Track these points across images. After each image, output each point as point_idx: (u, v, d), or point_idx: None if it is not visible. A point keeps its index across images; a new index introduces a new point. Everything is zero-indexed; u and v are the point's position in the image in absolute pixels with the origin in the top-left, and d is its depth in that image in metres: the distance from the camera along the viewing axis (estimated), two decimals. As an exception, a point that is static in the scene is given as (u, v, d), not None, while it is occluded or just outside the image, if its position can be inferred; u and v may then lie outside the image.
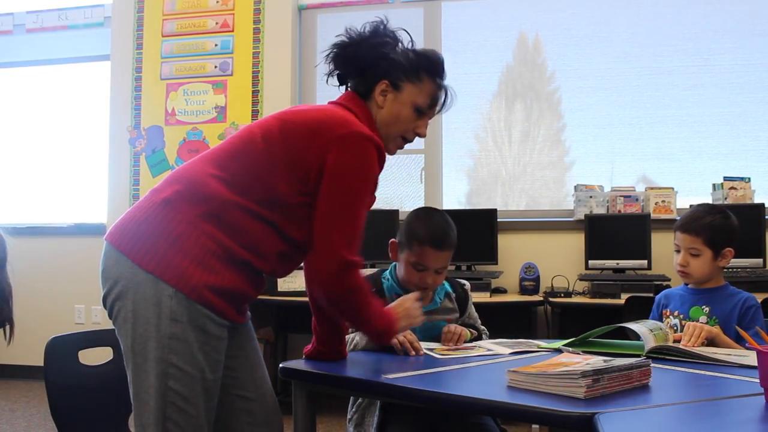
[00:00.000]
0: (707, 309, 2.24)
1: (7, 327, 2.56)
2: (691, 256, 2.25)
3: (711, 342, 2.03)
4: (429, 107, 1.90)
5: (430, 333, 2.19)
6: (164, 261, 1.59)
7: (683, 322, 2.25)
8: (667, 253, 2.40)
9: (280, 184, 1.67)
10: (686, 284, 2.34)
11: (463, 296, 2.32)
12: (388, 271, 2.28)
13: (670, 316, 2.31)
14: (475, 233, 4.28)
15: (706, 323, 2.18)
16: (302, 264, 1.78)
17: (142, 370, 1.59)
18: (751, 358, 1.69)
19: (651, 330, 1.94)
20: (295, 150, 1.68)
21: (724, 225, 2.26)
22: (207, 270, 1.60)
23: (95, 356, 1.94)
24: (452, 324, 2.20)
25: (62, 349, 1.89)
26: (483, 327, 2.33)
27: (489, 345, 2.09)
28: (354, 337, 2.07)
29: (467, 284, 2.36)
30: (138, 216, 1.66)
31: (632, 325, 1.95)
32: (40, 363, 1.90)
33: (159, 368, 1.57)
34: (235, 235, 1.64)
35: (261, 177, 1.67)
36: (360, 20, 5.57)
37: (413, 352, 1.93)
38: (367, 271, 2.33)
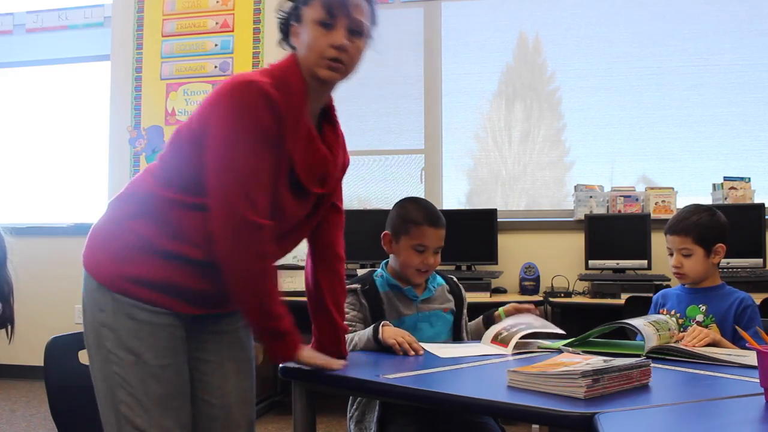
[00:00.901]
0: (704, 308, 2.25)
1: (8, 326, 2.57)
2: (684, 256, 2.27)
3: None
4: (330, 16, 1.69)
5: (428, 320, 2.23)
6: (93, 259, 1.70)
7: (680, 321, 2.26)
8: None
9: (194, 162, 1.62)
10: (683, 285, 2.36)
11: (456, 289, 2.35)
12: (379, 269, 2.30)
13: (667, 316, 2.32)
14: (475, 233, 4.28)
15: (703, 322, 2.20)
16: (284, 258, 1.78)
17: (90, 357, 1.68)
18: (751, 358, 1.69)
19: (657, 330, 1.93)
20: (194, 121, 1.65)
21: (711, 222, 2.28)
22: (125, 262, 1.64)
23: None
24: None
25: (62, 349, 1.88)
26: None
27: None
28: (353, 337, 2.07)
29: (455, 278, 2.41)
30: (97, 221, 1.80)
31: (636, 322, 1.95)
32: (40, 363, 1.90)
33: (101, 354, 1.64)
34: (162, 228, 1.64)
35: (181, 163, 1.66)
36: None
37: (412, 353, 1.93)
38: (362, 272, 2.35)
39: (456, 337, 2.29)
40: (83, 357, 1.89)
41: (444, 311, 2.26)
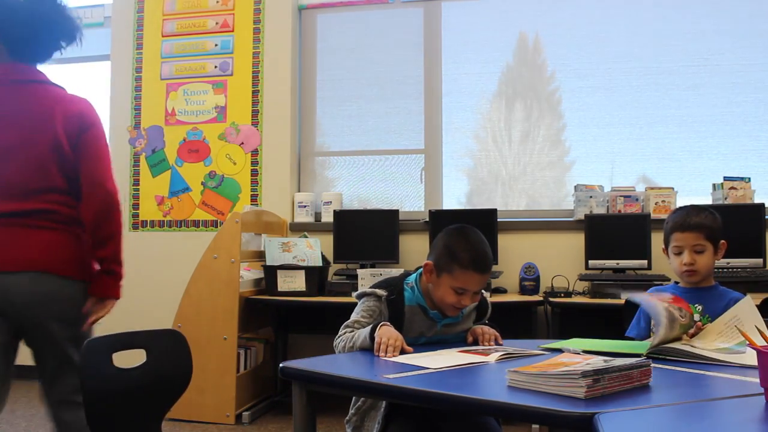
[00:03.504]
0: (700, 307, 2.27)
1: None
2: (697, 253, 2.29)
3: None
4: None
5: (446, 342, 2.16)
6: None
7: None
8: (667, 253, 2.41)
9: None
10: (676, 283, 2.38)
11: (484, 305, 2.29)
12: (412, 277, 2.23)
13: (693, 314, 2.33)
14: (475, 233, 4.27)
15: (699, 321, 2.20)
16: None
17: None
18: (750, 357, 1.69)
19: (672, 326, 1.90)
20: None
21: (715, 220, 2.34)
22: None
23: (129, 359, 1.93)
24: (479, 326, 2.19)
25: (97, 351, 1.84)
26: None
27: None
28: (352, 336, 2.06)
29: (485, 292, 2.32)
30: None
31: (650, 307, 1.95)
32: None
33: None
34: None
35: None
36: (360, 20, 5.59)
37: (382, 355, 1.90)
38: (393, 271, 2.32)
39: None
40: (117, 359, 1.88)
41: (465, 331, 2.20)
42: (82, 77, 5.54)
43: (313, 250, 4.32)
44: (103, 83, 5.27)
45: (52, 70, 2.41)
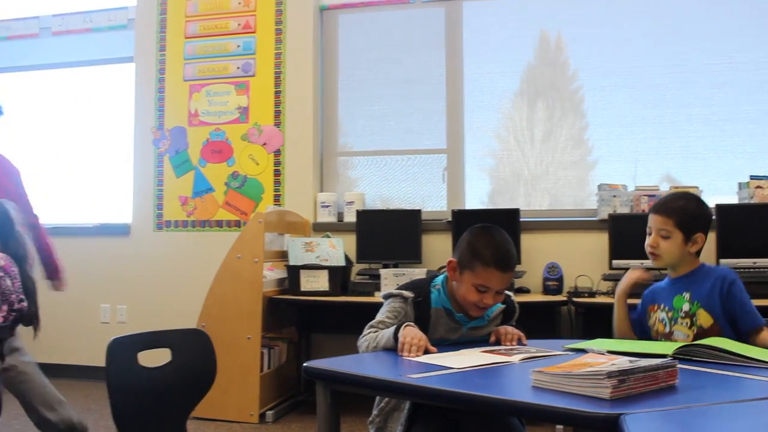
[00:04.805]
0: (688, 295, 2.25)
1: (34, 323, 2.64)
2: (662, 237, 2.27)
3: None
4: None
5: (470, 344, 2.13)
6: None
7: (669, 314, 2.27)
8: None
9: None
10: (660, 270, 2.40)
11: (512, 307, 2.27)
12: (439, 279, 2.22)
13: (658, 311, 2.32)
14: (497, 233, 4.26)
15: (690, 310, 2.19)
16: None
17: None
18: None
19: None
20: None
21: (696, 210, 2.30)
22: None
23: (154, 358, 1.94)
24: (503, 326, 2.18)
25: (122, 350, 1.86)
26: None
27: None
28: (376, 336, 2.06)
29: (512, 294, 2.30)
30: None
31: None
32: (67, 361, 1.91)
33: None
34: None
35: None
36: (381, 20, 5.59)
37: (406, 354, 1.90)
38: (416, 271, 2.32)
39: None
40: (142, 358, 1.90)
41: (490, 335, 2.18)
42: (106, 79, 5.60)
43: (336, 250, 4.33)
44: (128, 85, 5.32)
45: (78, 74, 2.54)
